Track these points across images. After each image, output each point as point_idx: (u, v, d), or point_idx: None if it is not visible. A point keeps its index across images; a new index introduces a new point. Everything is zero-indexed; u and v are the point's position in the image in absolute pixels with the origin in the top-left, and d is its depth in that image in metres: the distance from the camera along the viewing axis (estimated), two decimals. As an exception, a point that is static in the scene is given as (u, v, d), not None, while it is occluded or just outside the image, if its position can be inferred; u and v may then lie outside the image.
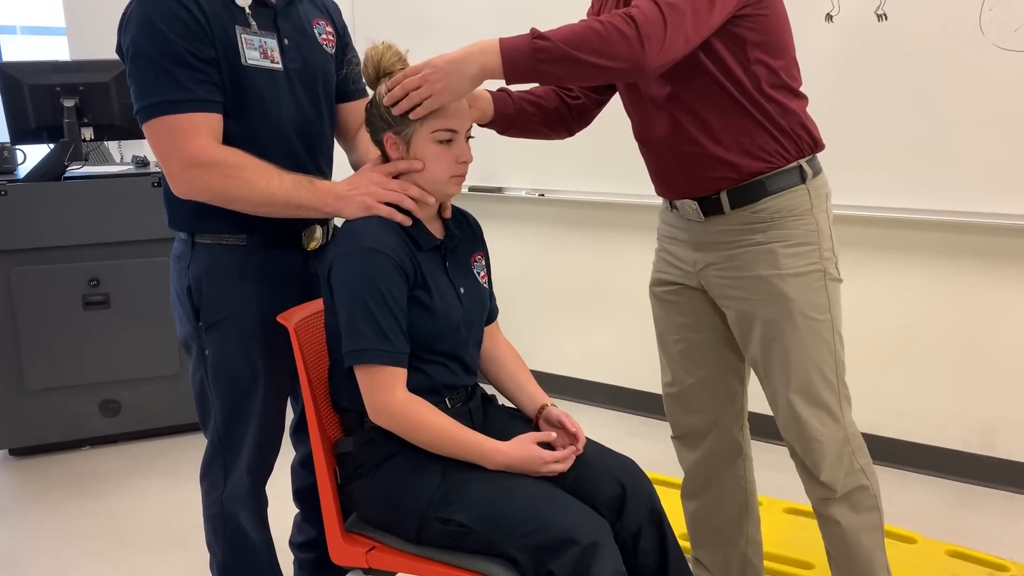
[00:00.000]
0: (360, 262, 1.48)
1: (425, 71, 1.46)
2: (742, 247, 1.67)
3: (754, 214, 1.65)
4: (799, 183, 1.65)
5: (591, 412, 3.50)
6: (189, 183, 1.55)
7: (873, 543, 1.74)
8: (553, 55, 1.43)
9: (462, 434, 1.51)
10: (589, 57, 1.42)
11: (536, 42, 1.43)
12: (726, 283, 1.72)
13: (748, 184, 1.64)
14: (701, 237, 1.73)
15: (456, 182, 1.56)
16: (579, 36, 1.42)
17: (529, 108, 1.80)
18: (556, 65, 1.44)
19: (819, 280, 1.66)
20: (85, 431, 3.14)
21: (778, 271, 1.65)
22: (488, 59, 1.45)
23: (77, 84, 3.03)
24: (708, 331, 1.84)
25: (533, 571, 1.42)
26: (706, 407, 1.89)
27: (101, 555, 2.44)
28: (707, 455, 1.92)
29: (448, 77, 1.45)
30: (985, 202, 2.59)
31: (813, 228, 1.66)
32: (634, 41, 1.41)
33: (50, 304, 3.01)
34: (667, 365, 1.94)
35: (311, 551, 2.03)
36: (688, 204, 1.72)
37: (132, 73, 1.54)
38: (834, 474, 1.69)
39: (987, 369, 2.74)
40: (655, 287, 1.91)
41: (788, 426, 1.70)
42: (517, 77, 1.47)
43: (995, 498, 2.70)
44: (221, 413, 1.73)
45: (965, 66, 2.53)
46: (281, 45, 1.65)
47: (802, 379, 1.67)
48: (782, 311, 1.65)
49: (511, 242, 3.66)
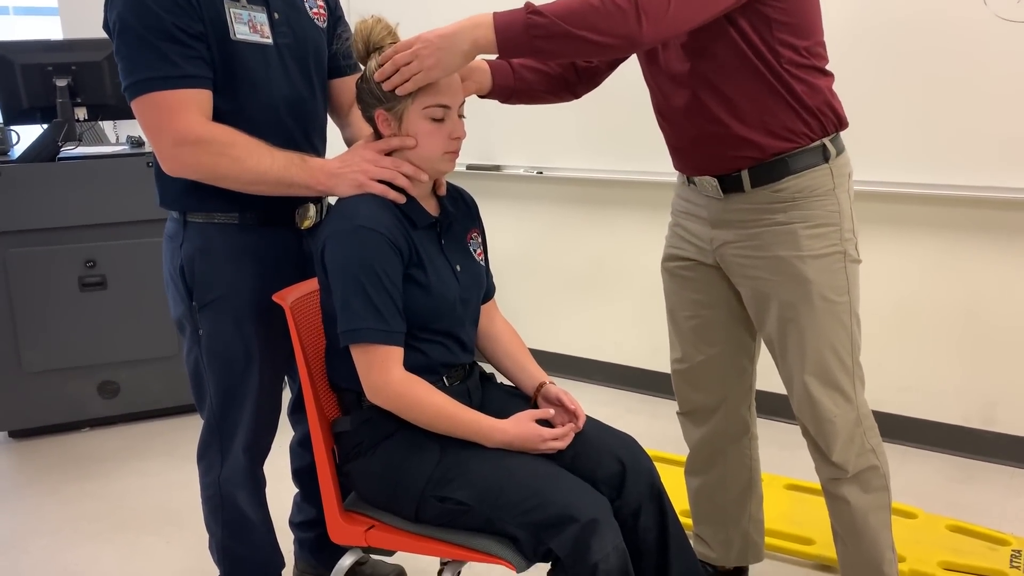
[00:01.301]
0: (353, 241, 1.46)
1: (416, 46, 1.43)
2: (761, 226, 1.65)
3: (775, 193, 1.63)
4: (822, 162, 1.62)
5: (590, 390, 3.50)
6: (178, 161, 1.53)
7: (881, 522, 1.73)
8: (548, 31, 1.40)
9: (460, 412, 1.50)
10: (585, 33, 1.40)
11: (531, 17, 1.40)
12: (744, 262, 1.70)
13: (770, 162, 1.61)
14: (719, 215, 1.71)
15: (450, 159, 1.54)
16: (575, 11, 1.39)
17: (530, 75, 1.77)
18: (551, 41, 1.41)
19: (839, 262, 1.64)
20: (84, 413, 3.14)
21: (798, 252, 1.62)
22: (481, 34, 1.43)
23: (69, 63, 2.99)
24: (721, 308, 1.82)
25: (532, 548, 1.41)
26: (715, 385, 1.88)
27: (101, 536, 2.45)
28: (713, 432, 1.92)
29: (440, 52, 1.43)
30: (987, 176, 2.57)
31: (835, 209, 1.63)
32: (631, 15, 1.39)
33: (46, 286, 2.99)
34: (677, 341, 1.91)
35: (310, 530, 2.03)
36: (707, 181, 1.69)
37: (119, 49, 1.51)
38: (846, 455, 1.68)
39: (988, 344, 2.73)
40: (668, 262, 1.89)
41: (802, 407, 1.69)
42: (511, 52, 1.45)
43: (996, 473, 2.70)
44: (216, 393, 1.72)
45: (967, 38, 2.50)
46: (271, 19, 1.63)
47: (818, 361, 1.65)
48: (801, 293, 1.63)
49: (509, 220, 3.64)
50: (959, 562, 2.12)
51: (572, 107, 3.21)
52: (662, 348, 3.35)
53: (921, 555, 2.12)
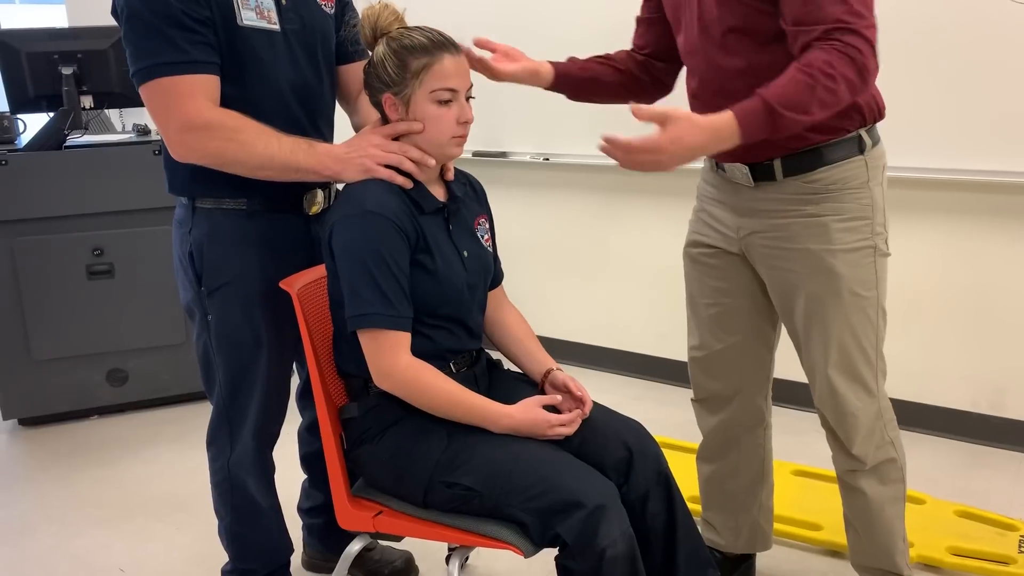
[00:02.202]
0: (361, 226, 1.46)
1: (662, 158, 1.41)
2: (792, 217, 1.63)
3: (807, 184, 1.60)
4: (857, 154, 1.60)
5: (597, 377, 3.50)
6: (186, 146, 1.53)
7: (895, 514, 1.73)
8: (790, 123, 1.41)
9: (468, 398, 1.50)
10: (823, 112, 1.42)
11: (776, 121, 1.40)
12: (771, 252, 1.67)
13: (804, 152, 1.58)
14: (748, 203, 1.68)
15: (457, 143, 1.54)
16: (812, 97, 1.39)
17: (597, 67, 1.80)
18: (794, 128, 1.43)
19: (869, 256, 1.62)
20: (92, 401, 3.15)
21: (829, 246, 1.60)
22: (727, 143, 1.43)
23: (75, 52, 2.99)
24: (743, 297, 1.80)
25: (540, 534, 1.41)
26: (732, 374, 1.86)
27: (110, 522, 2.46)
28: (728, 421, 1.90)
29: (680, 160, 1.43)
30: (995, 160, 2.55)
31: (868, 202, 1.61)
32: (858, 83, 1.40)
33: (54, 274, 3.00)
34: (696, 328, 1.89)
35: (319, 516, 2.04)
36: (738, 168, 1.66)
37: (127, 35, 1.51)
38: (865, 447, 1.67)
39: (996, 330, 2.72)
40: (691, 248, 1.86)
41: (824, 399, 1.68)
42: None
43: (1004, 458, 2.69)
44: (225, 379, 1.73)
45: (978, 21, 2.48)
46: (278, 5, 1.62)
47: (842, 355, 1.64)
48: (829, 287, 1.61)
49: (516, 207, 3.63)
50: (967, 547, 2.12)
51: (578, 93, 3.22)
52: (669, 335, 3.37)
53: (929, 541, 2.12)
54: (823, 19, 1.41)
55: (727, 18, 1.55)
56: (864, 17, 1.41)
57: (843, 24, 1.40)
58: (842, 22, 1.40)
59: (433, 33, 1.51)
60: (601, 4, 3.14)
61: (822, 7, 1.41)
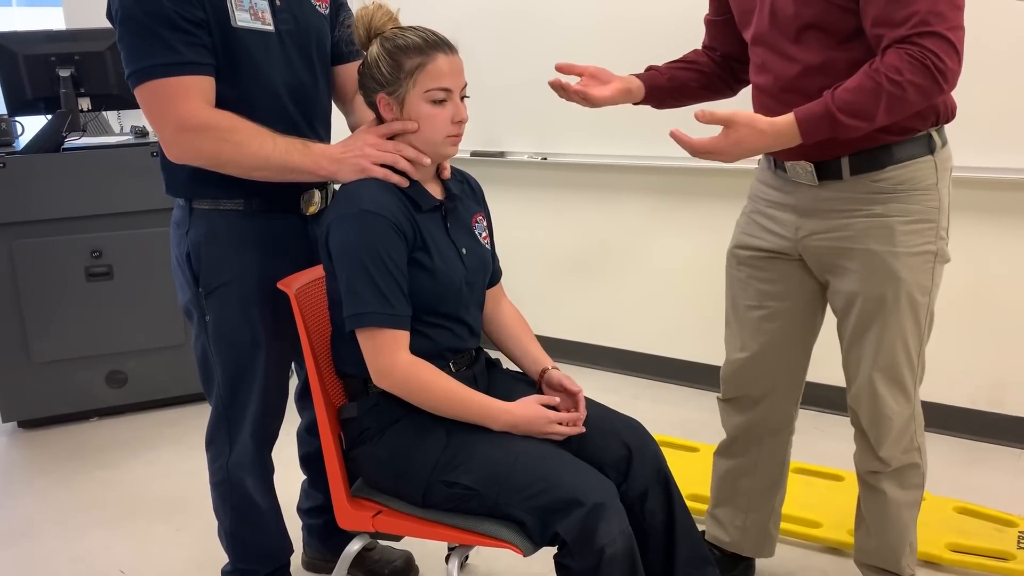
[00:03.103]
0: (357, 225, 1.46)
1: (723, 159, 1.49)
2: (856, 217, 1.59)
3: (875, 183, 1.57)
4: (926, 153, 1.57)
5: (596, 376, 3.50)
6: (181, 147, 1.53)
7: (911, 518, 1.73)
8: (852, 129, 1.43)
9: (467, 395, 1.50)
10: (890, 118, 1.43)
11: (837, 127, 1.43)
12: (831, 252, 1.64)
13: (873, 150, 1.55)
14: (811, 203, 1.65)
15: (452, 142, 1.54)
16: (879, 105, 1.40)
17: (682, 73, 1.80)
18: (858, 133, 1.45)
19: (930, 261, 1.59)
20: (92, 402, 3.15)
21: (893, 248, 1.57)
22: (788, 146, 1.48)
23: (72, 54, 2.99)
24: (790, 302, 1.76)
25: (539, 532, 1.42)
26: (766, 377, 1.83)
27: (111, 524, 2.46)
28: (754, 422, 1.87)
29: (740, 155, 1.49)
30: (990, 156, 2.55)
31: (935, 205, 1.58)
32: (931, 88, 1.39)
33: (53, 276, 3.00)
34: (736, 329, 1.85)
35: (318, 517, 2.04)
36: (802, 166, 1.63)
37: (122, 37, 1.51)
38: (893, 450, 1.67)
39: (995, 326, 2.72)
40: (740, 249, 1.81)
41: (861, 399, 1.67)
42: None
43: (1003, 455, 2.69)
44: (224, 379, 1.73)
45: (977, 18, 2.47)
46: (272, 6, 1.62)
47: (889, 358, 1.62)
48: (889, 290, 1.59)
49: (514, 206, 3.63)
50: (967, 544, 2.12)
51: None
52: (668, 334, 3.37)
53: (929, 537, 2.12)
54: (904, 20, 1.39)
55: (804, 14, 1.52)
56: (947, 18, 1.39)
57: (923, 27, 1.38)
58: (924, 23, 1.38)
59: (427, 33, 1.51)
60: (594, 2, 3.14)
61: (904, 6, 1.39)
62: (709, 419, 2.01)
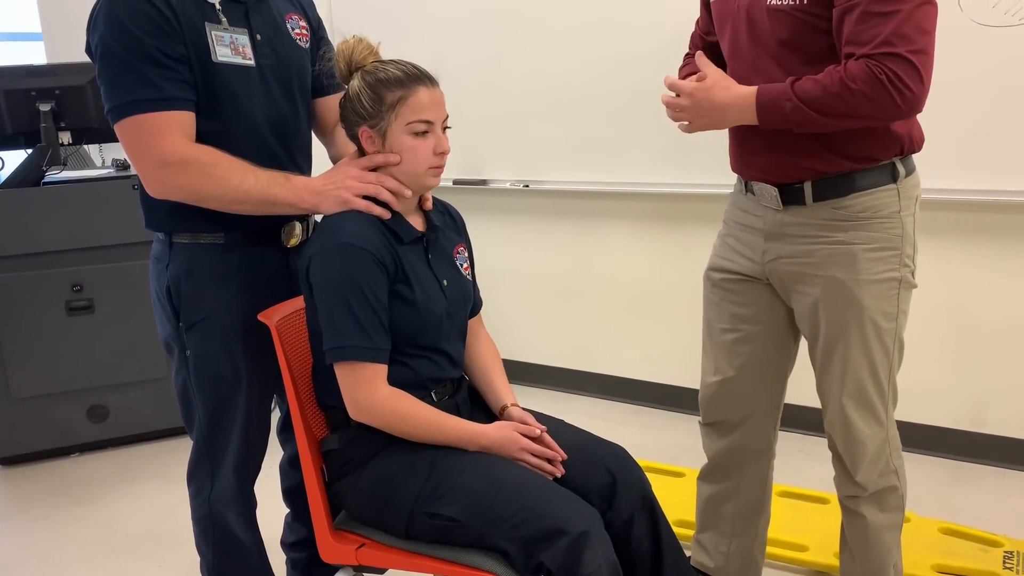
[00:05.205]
0: (339, 258, 1.46)
1: (691, 103, 1.59)
2: (819, 243, 1.62)
3: (837, 210, 1.59)
4: (889, 182, 1.59)
5: (582, 402, 3.50)
6: (162, 183, 1.53)
7: (892, 541, 1.74)
8: (804, 117, 1.48)
9: (445, 421, 1.52)
10: (841, 122, 1.49)
11: (792, 113, 1.49)
12: (796, 277, 1.67)
13: (835, 177, 1.58)
14: (776, 227, 1.67)
15: (434, 173, 1.55)
16: (829, 103, 1.46)
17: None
18: (809, 126, 1.50)
19: (894, 288, 1.61)
20: (73, 438, 3.12)
21: (855, 276, 1.59)
22: (746, 116, 1.56)
23: (53, 88, 2.99)
24: (762, 325, 1.78)
25: (523, 563, 1.41)
26: (744, 400, 1.84)
27: (92, 561, 2.43)
28: (734, 446, 1.88)
29: (707, 120, 1.61)
30: (967, 179, 2.58)
31: (898, 232, 1.60)
32: (885, 103, 1.43)
33: (34, 310, 2.98)
34: (711, 353, 1.86)
35: (303, 550, 2.02)
36: (767, 189, 1.66)
37: (101, 72, 1.52)
38: (869, 474, 1.68)
39: (976, 346, 2.74)
40: (714, 272, 1.83)
41: (835, 425, 1.69)
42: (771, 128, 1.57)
43: (987, 474, 2.71)
44: (205, 414, 1.72)
45: (943, 42, 2.51)
46: (253, 41, 1.63)
47: (857, 384, 1.64)
48: (852, 317, 1.61)
49: (496, 234, 3.65)
50: (952, 564, 2.12)
51: (558, 119, 3.25)
52: (651, 359, 3.38)
53: (914, 558, 2.12)
54: (870, 40, 1.43)
55: (778, 31, 1.56)
56: (912, 41, 1.43)
57: (887, 47, 1.42)
58: (887, 44, 1.42)
59: (407, 66, 1.52)
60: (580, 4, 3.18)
61: (871, 27, 1.43)
62: (695, 444, 2.01)
